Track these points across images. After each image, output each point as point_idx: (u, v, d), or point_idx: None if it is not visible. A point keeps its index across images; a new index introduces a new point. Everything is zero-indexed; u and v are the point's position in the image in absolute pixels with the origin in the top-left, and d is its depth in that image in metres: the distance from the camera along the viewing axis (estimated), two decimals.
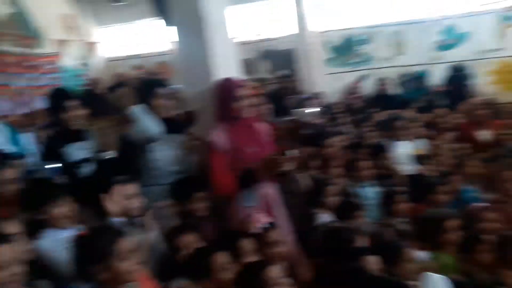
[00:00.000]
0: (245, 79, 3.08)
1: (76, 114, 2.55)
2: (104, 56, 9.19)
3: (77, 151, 2.54)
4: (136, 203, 2.23)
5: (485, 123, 4.54)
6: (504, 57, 6.87)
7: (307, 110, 3.64)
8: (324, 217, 2.67)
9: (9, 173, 2.35)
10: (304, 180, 2.83)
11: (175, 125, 2.76)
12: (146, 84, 2.95)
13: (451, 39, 7.18)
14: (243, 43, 7.23)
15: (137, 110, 2.65)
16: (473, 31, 6.96)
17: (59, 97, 2.62)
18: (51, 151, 2.57)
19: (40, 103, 7.35)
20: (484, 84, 6.80)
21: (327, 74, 7.59)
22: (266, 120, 3.23)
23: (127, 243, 1.67)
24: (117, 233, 1.70)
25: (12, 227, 1.84)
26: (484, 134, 4.49)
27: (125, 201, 2.20)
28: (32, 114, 6.40)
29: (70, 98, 2.59)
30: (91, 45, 8.94)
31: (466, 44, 7.03)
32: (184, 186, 2.52)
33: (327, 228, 2.34)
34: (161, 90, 2.71)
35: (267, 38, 8.17)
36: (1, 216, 2.01)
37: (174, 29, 2.92)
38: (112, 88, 7.30)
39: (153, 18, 5.12)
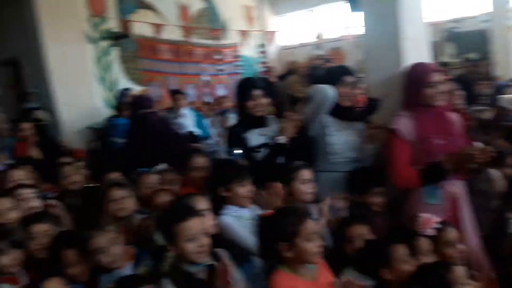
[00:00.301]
0: (437, 64, 2.89)
1: (260, 102, 2.66)
2: (280, 44, 9.59)
3: (257, 136, 2.66)
4: (310, 188, 2.33)
5: None
6: None
7: (508, 98, 3.20)
8: None
9: (201, 160, 2.69)
10: (498, 179, 2.56)
11: (355, 112, 2.75)
12: (333, 71, 2.93)
13: None
14: (431, 24, 6.59)
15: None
16: None
17: (246, 86, 2.74)
18: (234, 136, 2.72)
19: (221, 91, 8.27)
20: None
21: None
22: (458, 109, 2.99)
23: (312, 224, 1.75)
24: (304, 214, 1.79)
25: (201, 202, 2.05)
26: None
27: (301, 186, 2.31)
28: (215, 101, 7.19)
29: (256, 87, 2.69)
30: (269, 34, 9.40)
31: None
32: (362, 178, 2.51)
33: None
34: (348, 78, 2.69)
35: (455, 19, 7.38)
36: (191, 192, 2.29)
37: (360, 14, 2.89)
38: (282, 76, 7.74)
39: (337, 2, 5.10)
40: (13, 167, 3.02)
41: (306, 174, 2.35)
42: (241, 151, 2.62)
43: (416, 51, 2.71)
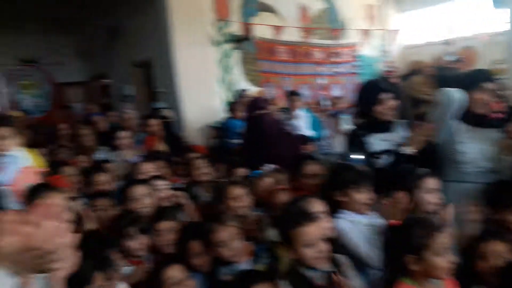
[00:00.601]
0: None
1: (389, 106, 2.57)
2: (403, 43, 9.15)
3: (380, 141, 2.57)
4: (435, 199, 2.19)
5: None
6: None
7: None
8: None
9: (314, 168, 2.63)
10: None
11: (491, 119, 2.54)
12: (472, 75, 2.73)
13: None
14: None
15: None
16: None
17: (374, 89, 2.65)
18: (355, 139, 2.66)
19: (337, 92, 8.12)
20: None
21: None
22: None
23: (443, 238, 1.66)
24: (435, 227, 1.69)
25: (317, 205, 2.02)
26: None
27: (425, 195, 2.18)
28: (330, 99, 7.11)
29: (385, 90, 2.59)
30: (391, 33, 9.03)
31: None
32: (501, 192, 2.26)
33: None
34: (488, 85, 2.49)
35: None
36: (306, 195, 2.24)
37: (504, 10, 2.65)
38: (406, 76, 7.30)
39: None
40: (145, 160, 3.30)
41: (431, 183, 2.22)
42: (362, 157, 2.55)
43: None
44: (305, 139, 5.09)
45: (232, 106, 5.84)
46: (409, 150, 2.48)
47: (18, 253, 1.10)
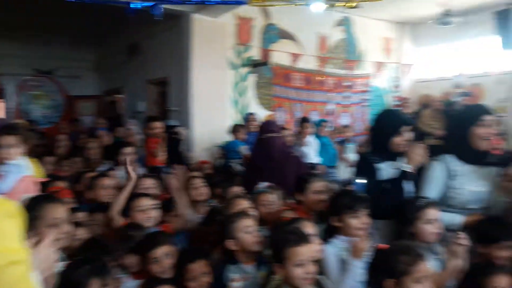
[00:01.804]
0: None
1: (406, 138, 2.61)
2: (416, 77, 9.24)
3: (390, 169, 2.59)
4: (435, 229, 2.23)
5: None
6: None
7: None
8: None
9: (317, 185, 2.67)
10: None
11: (489, 157, 2.53)
12: (472, 109, 2.72)
13: None
14: None
15: None
16: None
17: (396, 120, 2.68)
18: (365, 164, 2.68)
19: (345, 120, 8.19)
20: None
21: None
22: None
23: (425, 267, 1.69)
24: (419, 254, 1.73)
25: (308, 227, 2.08)
26: None
27: (425, 226, 2.23)
28: (336, 129, 7.16)
29: (406, 123, 2.64)
30: (405, 67, 9.15)
31: None
32: (490, 228, 2.29)
33: None
34: (487, 118, 2.49)
35: None
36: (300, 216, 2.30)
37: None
38: (417, 110, 7.38)
39: (481, 37, 4.80)
40: (144, 176, 3.30)
41: (431, 213, 2.26)
42: (365, 181, 2.59)
43: None
44: (312, 166, 5.14)
45: (235, 128, 5.93)
46: (407, 167, 2.53)
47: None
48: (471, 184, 2.48)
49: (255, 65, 7.20)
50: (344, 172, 6.05)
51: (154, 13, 4.85)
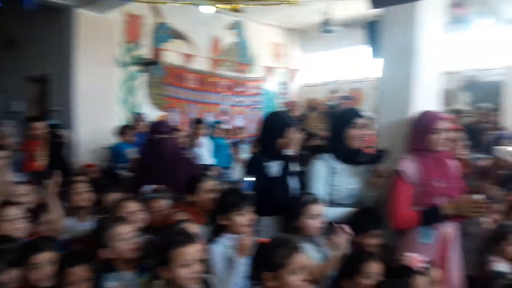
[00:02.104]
0: (445, 112, 2.94)
1: (292, 139, 2.69)
2: (302, 81, 9.76)
3: (279, 167, 2.68)
4: (319, 223, 2.35)
5: None
6: None
7: (508, 148, 3.27)
8: (501, 266, 2.47)
9: (208, 184, 2.68)
10: (486, 223, 2.65)
11: (362, 156, 2.74)
12: (345, 112, 2.96)
13: None
14: (448, 73, 6.84)
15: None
16: None
17: (281, 122, 2.77)
18: (254, 163, 2.77)
19: (239, 122, 8.41)
20: None
21: None
22: (459, 155, 3.04)
23: (302, 258, 1.76)
24: (294, 247, 1.79)
25: (192, 228, 2.06)
26: None
27: (309, 221, 2.34)
28: (231, 130, 7.30)
29: (291, 125, 2.74)
30: (292, 72, 9.62)
31: None
32: (361, 219, 2.50)
33: (503, 278, 2.20)
34: (359, 120, 2.70)
35: (474, 69, 7.56)
36: (192, 218, 2.30)
37: (380, 60, 2.99)
38: (304, 113, 7.86)
39: (361, 46, 5.25)
40: (18, 182, 3.04)
41: (315, 209, 2.37)
42: (253, 179, 2.65)
43: (427, 99, 2.80)
44: (205, 168, 5.14)
45: (122, 130, 5.70)
46: (289, 151, 2.66)
47: None
48: (347, 181, 2.67)
49: (146, 63, 7.02)
50: (239, 172, 6.16)
51: (26, 4, 4.38)
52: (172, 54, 7.41)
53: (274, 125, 2.78)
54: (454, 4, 5.63)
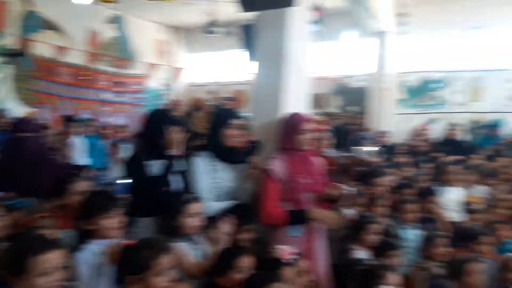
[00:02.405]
0: (313, 114, 3.16)
1: (175, 138, 2.68)
2: (187, 80, 9.74)
3: (161, 166, 2.64)
4: (198, 222, 2.32)
5: None
6: None
7: (366, 148, 3.66)
8: (360, 254, 2.71)
9: (80, 185, 2.50)
10: (348, 215, 2.89)
11: (239, 154, 2.81)
12: (221, 113, 2.99)
13: None
14: (319, 78, 7.37)
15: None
16: None
17: (162, 120, 2.72)
18: (134, 164, 2.69)
19: (120, 120, 8.08)
20: None
21: (397, 114, 7.56)
22: (323, 154, 3.26)
23: (166, 260, 1.72)
24: (160, 248, 1.75)
25: (54, 233, 1.97)
26: None
27: (188, 220, 2.30)
28: (112, 129, 7.01)
29: (174, 123, 2.70)
30: (177, 70, 9.56)
31: None
32: (235, 214, 2.52)
33: (361, 264, 2.40)
34: (234, 121, 2.76)
35: (343, 75, 8.32)
36: (61, 225, 2.18)
37: (255, 63, 3.11)
38: (189, 112, 7.85)
39: (240, 50, 5.39)
40: None
41: (194, 207, 2.34)
42: (129, 181, 2.56)
43: (296, 102, 2.99)
44: (76, 168, 4.83)
45: None
46: (173, 151, 2.64)
47: None
48: (227, 178, 2.73)
49: (12, 55, 6.39)
50: (117, 173, 5.89)
51: None
52: (43, 46, 6.87)
53: (156, 123, 2.73)
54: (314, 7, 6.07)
